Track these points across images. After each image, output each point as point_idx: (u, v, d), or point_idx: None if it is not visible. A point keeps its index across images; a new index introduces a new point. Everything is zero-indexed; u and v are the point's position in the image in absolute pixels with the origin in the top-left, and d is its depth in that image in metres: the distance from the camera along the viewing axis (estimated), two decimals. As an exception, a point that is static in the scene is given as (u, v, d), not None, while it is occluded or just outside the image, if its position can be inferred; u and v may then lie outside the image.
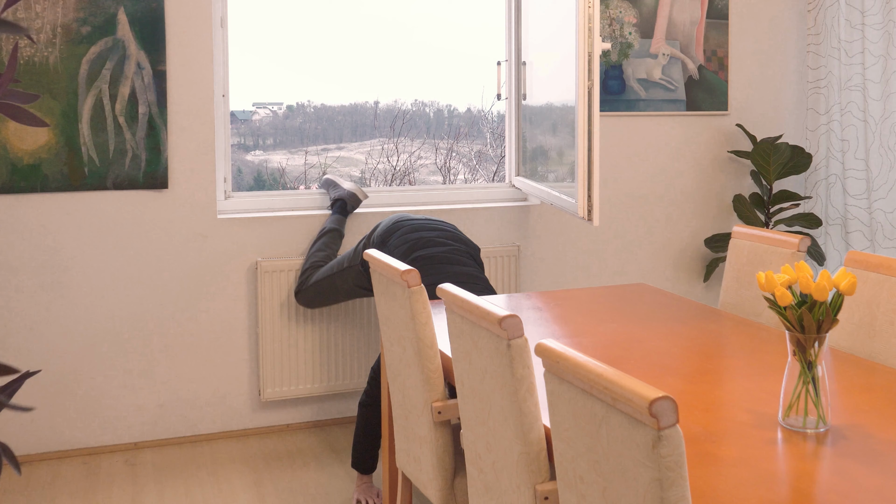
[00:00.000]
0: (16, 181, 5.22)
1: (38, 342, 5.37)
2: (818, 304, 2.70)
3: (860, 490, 2.31)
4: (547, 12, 5.58)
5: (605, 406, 2.11)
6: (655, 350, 3.62)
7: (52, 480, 5.13)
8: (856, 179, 6.37)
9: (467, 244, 4.98)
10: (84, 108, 5.32)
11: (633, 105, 6.52)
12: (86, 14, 5.27)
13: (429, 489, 3.58)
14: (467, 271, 4.78)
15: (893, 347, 3.62)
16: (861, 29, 6.26)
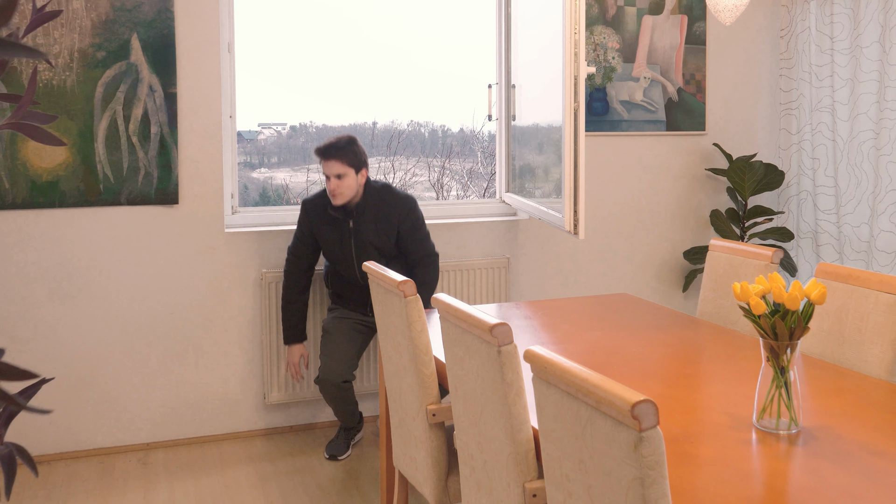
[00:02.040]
0: (35, 197, 5.22)
1: (55, 348, 5.36)
2: (790, 313, 2.71)
3: (830, 488, 2.31)
4: (535, 38, 5.58)
5: (590, 409, 2.11)
6: (637, 356, 3.62)
7: (68, 479, 5.11)
8: (826, 195, 6.38)
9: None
10: (99, 128, 5.31)
11: (617, 125, 6.52)
12: (101, 40, 5.27)
13: (424, 487, 3.58)
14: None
15: (861, 353, 3.62)
16: (830, 54, 6.27)
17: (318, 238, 5.46)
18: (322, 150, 5.33)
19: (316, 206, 5.46)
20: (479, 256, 6.23)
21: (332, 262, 5.49)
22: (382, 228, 5.42)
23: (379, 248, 5.44)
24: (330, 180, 5.27)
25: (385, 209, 5.44)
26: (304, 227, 5.49)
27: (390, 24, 6.24)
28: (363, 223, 5.39)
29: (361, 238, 5.38)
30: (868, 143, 5.98)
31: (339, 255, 5.41)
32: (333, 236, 5.40)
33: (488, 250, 6.26)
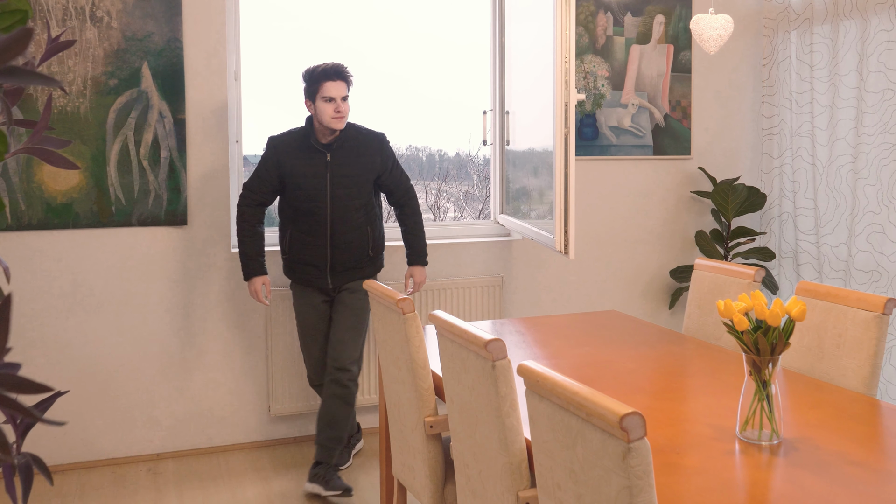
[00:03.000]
0: (50, 218, 5.22)
1: (70, 362, 5.35)
2: (772, 329, 2.71)
3: (809, 496, 2.31)
4: (528, 66, 5.59)
5: (581, 421, 2.11)
6: (625, 370, 3.62)
7: (81, 488, 5.11)
8: (805, 217, 6.38)
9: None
10: (111, 152, 5.32)
11: (606, 150, 6.53)
12: (113, 68, 5.28)
13: (422, 495, 3.57)
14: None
15: (840, 368, 3.63)
16: (810, 82, 6.28)
17: (288, 173, 5.04)
18: (333, 71, 4.98)
19: (286, 142, 5.08)
20: (475, 275, 6.24)
21: (299, 200, 5.05)
22: (363, 162, 5.13)
23: (357, 181, 5.10)
24: (335, 102, 4.92)
25: (363, 143, 5.16)
26: (269, 163, 5.08)
27: (390, 54, 6.26)
28: (341, 156, 5.07)
29: (338, 171, 5.05)
30: (846, 166, 5.99)
31: (311, 191, 5.01)
32: (307, 170, 5.02)
33: (483, 269, 6.27)
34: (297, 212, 5.09)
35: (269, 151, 5.11)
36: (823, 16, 6.17)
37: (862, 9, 5.82)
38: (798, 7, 6.41)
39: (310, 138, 5.03)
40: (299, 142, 5.07)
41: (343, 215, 5.09)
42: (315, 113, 4.98)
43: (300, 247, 5.16)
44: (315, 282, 5.21)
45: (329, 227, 5.08)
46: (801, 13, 6.39)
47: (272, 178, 5.10)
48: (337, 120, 4.93)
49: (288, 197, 5.12)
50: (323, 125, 4.97)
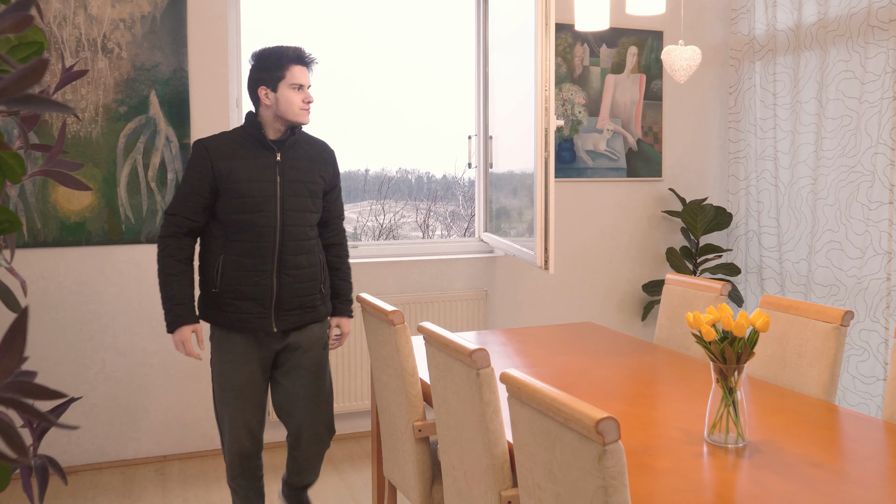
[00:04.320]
0: (64, 236, 5.21)
1: (82, 370, 5.34)
2: (737, 340, 2.71)
3: (773, 495, 2.31)
4: (510, 94, 5.60)
5: (559, 425, 2.11)
6: (601, 378, 3.62)
7: (93, 487, 5.09)
8: (769, 235, 6.39)
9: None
10: (121, 174, 5.31)
11: (583, 172, 6.54)
12: (123, 96, 5.28)
13: (411, 494, 3.56)
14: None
15: (801, 376, 3.63)
16: (773, 109, 6.30)
17: (225, 178, 3.84)
18: (302, 55, 4.01)
19: (222, 141, 3.92)
20: (461, 289, 6.23)
21: (239, 212, 3.83)
22: (316, 170, 4.07)
23: (311, 189, 4.02)
24: (304, 91, 3.95)
25: (316, 149, 4.13)
26: (199, 171, 3.87)
27: (382, 83, 6.27)
28: (294, 158, 3.99)
29: (290, 175, 3.95)
30: (807, 188, 6.01)
31: (256, 197, 3.84)
32: (251, 171, 3.86)
33: (468, 284, 6.26)
34: (236, 228, 3.87)
35: (197, 156, 3.90)
36: (786, 47, 6.20)
37: (821, 41, 5.84)
38: (762, 39, 6.44)
39: (254, 133, 3.94)
40: (240, 139, 3.96)
41: (295, 232, 3.94)
42: (275, 103, 3.91)
43: (236, 275, 3.88)
44: (253, 323, 3.92)
45: (277, 245, 3.91)
46: (764, 45, 6.41)
47: (203, 190, 3.87)
48: (305, 112, 3.97)
49: (223, 210, 3.88)
50: (285, 118, 3.92)
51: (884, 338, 5.41)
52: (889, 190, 5.34)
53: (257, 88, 3.93)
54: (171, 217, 3.89)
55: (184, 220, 3.88)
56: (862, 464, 2.58)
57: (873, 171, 5.45)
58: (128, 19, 5.28)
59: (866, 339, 5.55)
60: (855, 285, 5.63)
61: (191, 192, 3.87)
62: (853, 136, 5.62)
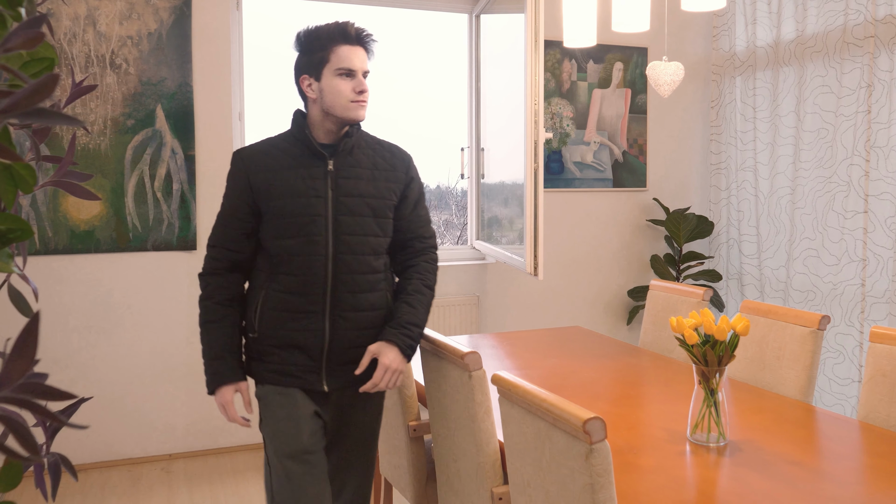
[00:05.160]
0: (74, 244, 5.21)
1: (92, 372, 5.33)
2: (719, 343, 2.72)
3: (752, 492, 2.32)
4: (501, 108, 5.61)
5: (548, 425, 2.11)
6: (588, 380, 3.62)
7: (102, 485, 5.08)
8: (749, 243, 6.40)
9: None
10: (129, 185, 5.31)
11: (570, 183, 6.54)
12: (130, 110, 5.28)
13: (406, 492, 3.56)
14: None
15: (779, 377, 3.64)
16: (753, 122, 6.31)
17: (266, 193, 2.93)
18: (348, 32, 2.95)
19: (262, 150, 3.00)
20: (454, 294, 6.23)
21: (284, 235, 2.92)
22: (383, 179, 3.05)
23: (373, 207, 3.00)
24: (356, 77, 2.92)
25: (383, 154, 3.11)
26: (238, 191, 2.99)
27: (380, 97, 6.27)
28: (351, 166, 3.01)
29: (345, 187, 2.96)
30: (785, 198, 6.01)
31: (303, 216, 2.91)
32: (297, 183, 2.93)
33: (461, 289, 6.26)
34: (280, 258, 2.94)
35: (234, 170, 3.02)
36: (765, 63, 6.21)
37: (799, 57, 5.86)
38: (742, 55, 6.45)
39: (301, 137, 3.00)
40: (286, 144, 3.02)
41: (352, 262, 2.95)
42: (320, 96, 2.94)
43: (279, 316, 2.94)
44: (298, 378, 2.98)
45: (330, 279, 2.93)
46: (745, 61, 6.43)
47: (242, 212, 2.99)
48: (357, 106, 2.94)
49: (266, 235, 2.97)
50: (333, 113, 2.94)
51: (858, 341, 5.42)
52: (864, 200, 5.35)
53: (300, 78, 3.00)
54: (211, 249, 3.03)
55: (224, 252, 3.00)
56: (838, 462, 2.58)
57: (849, 182, 5.45)
58: (135, 36, 5.28)
59: (842, 342, 5.56)
60: (831, 291, 5.64)
61: (229, 215, 2.99)
62: (829, 148, 5.63)
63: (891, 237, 5.21)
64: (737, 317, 2.78)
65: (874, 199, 5.31)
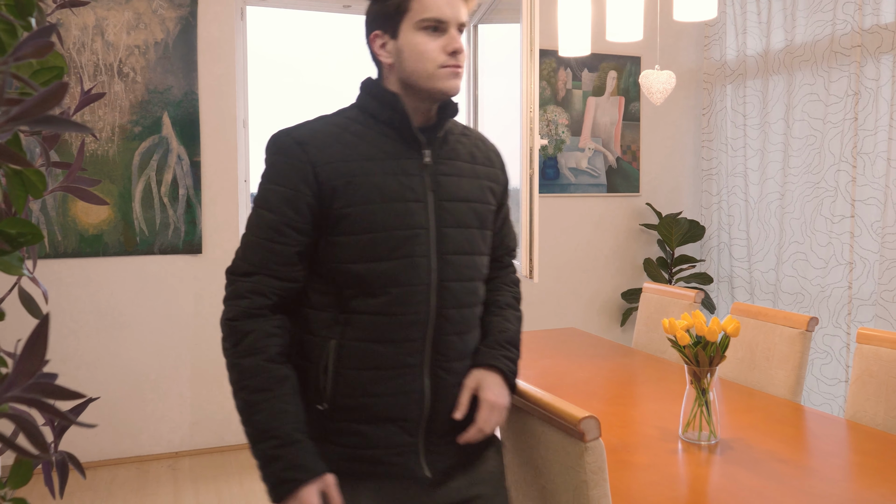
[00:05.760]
0: (83, 248, 5.21)
1: (100, 372, 5.33)
2: (710, 344, 2.71)
3: (743, 489, 2.32)
4: (498, 116, 5.61)
5: (543, 423, 2.11)
6: (582, 379, 3.62)
7: (110, 482, 5.08)
8: (739, 246, 6.40)
9: None
10: (136, 190, 5.31)
11: (566, 188, 6.54)
12: (137, 117, 5.28)
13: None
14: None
15: (769, 377, 3.63)
16: (743, 129, 6.31)
17: (343, 198, 1.98)
18: None
19: (329, 135, 2.04)
20: (453, 297, 6.22)
21: (367, 257, 1.99)
22: (482, 177, 2.22)
23: (479, 212, 2.17)
24: (446, 33, 2.03)
25: (475, 141, 2.29)
26: (295, 189, 1.99)
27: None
28: (450, 158, 2.16)
29: (449, 189, 2.11)
30: (774, 203, 6.02)
31: (399, 230, 2.00)
32: (388, 185, 2.02)
33: (460, 292, 6.25)
34: (359, 290, 2.02)
35: (290, 161, 2.01)
36: (755, 72, 6.21)
37: (788, 66, 5.86)
38: (733, 64, 6.46)
39: (385, 115, 2.09)
40: (356, 127, 2.08)
41: (460, 293, 2.10)
42: (398, 60, 2.07)
43: (363, 376, 2.02)
44: (391, 465, 2.08)
45: (433, 317, 2.06)
46: (735, 69, 6.43)
47: (302, 219, 2.00)
48: (450, 74, 2.04)
49: (336, 257, 2.02)
50: (416, 84, 2.06)
51: (845, 342, 5.42)
52: (850, 205, 5.35)
53: (371, 36, 2.12)
54: (245, 280, 2.00)
55: (270, 283, 1.99)
56: (825, 459, 2.58)
57: (836, 187, 5.46)
58: (142, 46, 5.28)
59: (829, 343, 5.56)
60: (819, 293, 5.64)
61: (277, 227, 1.98)
62: (818, 154, 5.63)
63: (877, 241, 5.22)
64: (727, 318, 2.78)
65: (861, 203, 5.31)
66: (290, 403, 1.95)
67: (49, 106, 0.83)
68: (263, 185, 2.04)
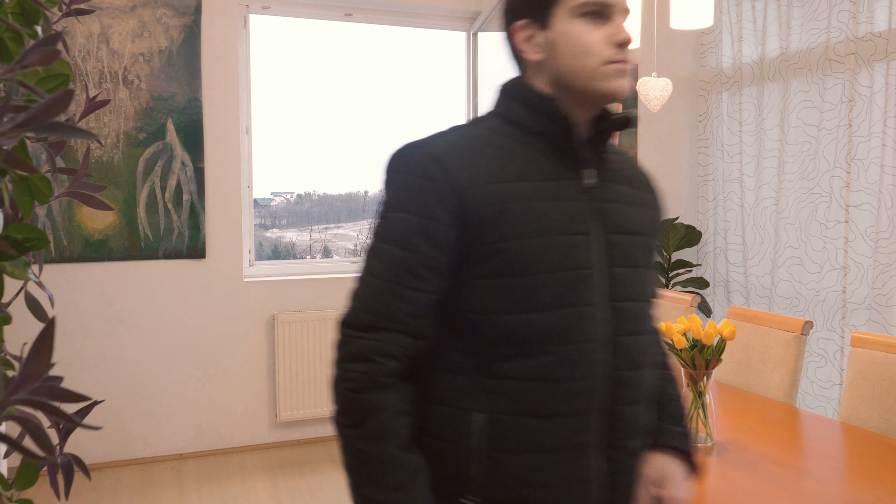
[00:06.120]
0: (88, 252, 5.21)
1: (105, 376, 5.33)
2: (706, 347, 2.72)
3: (738, 490, 2.31)
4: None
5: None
6: (582, 382, 3.61)
7: (115, 483, 5.08)
8: (735, 251, 6.40)
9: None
10: (141, 196, 5.32)
11: (565, 194, 6.53)
12: (142, 124, 5.28)
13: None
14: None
15: (764, 380, 3.63)
16: (739, 135, 6.31)
17: (503, 234, 1.50)
18: None
19: (472, 150, 1.57)
20: (453, 301, 6.22)
21: (526, 307, 1.51)
22: (645, 200, 1.74)
23: (646, 248, 1.70)
24: (608, 22, 1.59)
25: (628, 161, 1.81)
26: (437, 224, 1.51)
27: (380, 111, 6.28)
28: (611, 179, 1.68)
29: (615, 215, 1.63)
30: (770, 208, 6.02)
31: (564, 272, 1.52)
32: (550, 212, 1.54)
33: (460, 296, 6.25)
34: (513, 350, 1.53)
35: (425, 183, 1.53)
36: (751, 79, 6.22)
37: (783, 73, 5.86)
38: (729, 72, 6.46)
39: (539, 124, 1.64)
40: (502, 140, 1.62)
41: (633, 345, 1.63)
42: (550, 55, 1.62)
43: (520, 461, 1.54)
44: None
45: (608, 378, 1.59)
46: (731, 77, 6.43)
47: (441, 257, 1.53)
48: (619, 71, 1.62)
49: (486, 303, 1.54)
50: (575, 85, 1.62)
51: (840, 346, 5.42)
52: (845, 210, 5.35)
53: (512, 27, 1.68)
54: (368, 337, 1.55)
55: (400, 339, 1.55)
56: (820, 461, 2.58)
57: (830, 193, 5.46)
58: (147, 53, 5.28)
59: (824, 347, 5.55)
60: (814, 297, 5.64)
61: (411, 264, 1.54)
62: (812, 160, 5.63)
63: (870, 246, 5.22)
64: (723, 322, 2.78)
65: (855, 209, 5.31)
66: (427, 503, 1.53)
67: (55, 113, 0.83)
68: (388, 213, 1.56)
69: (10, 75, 0.84)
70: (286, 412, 5.71)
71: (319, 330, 5.76)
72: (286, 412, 5.71)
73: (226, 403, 5.63)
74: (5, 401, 0.80)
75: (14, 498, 1.02)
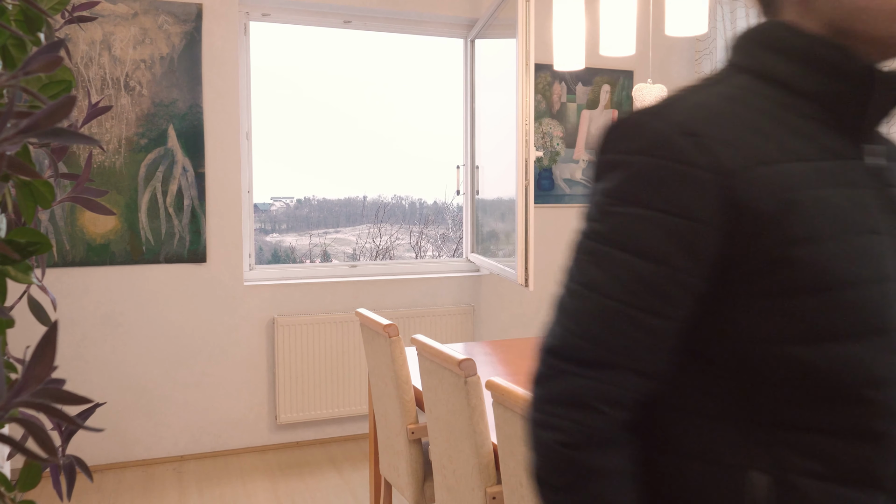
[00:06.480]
0: (90, 256, 5.21)
1: (107, 378, 5.33)
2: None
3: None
4: (494, 128, 5.61)
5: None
6: (578, 385, 3.61)
7: (117, 485, 5.07)
8: (729, 255, 6.41)
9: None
10: (142, 201, 5.31)
11: (560, 199, 6.55)
12: (144, 129, 5.28)
13: (405, 491, 3.56)
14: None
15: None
16: (731, 141, 6.33)
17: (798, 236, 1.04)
18: None
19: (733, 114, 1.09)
20: (450, 305, 6.22)
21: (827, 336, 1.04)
22: None
23: None
24: None
25: None
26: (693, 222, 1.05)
27: (379, 118, 6.28)
28: (892, 159, 1.20)
29: None
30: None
31: (867, 291, 1.05)
32: (844, 206, 1.08)
33: (457, 300, 6.25)
34: (808, 391, 1.07)
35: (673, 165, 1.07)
36: (742, 86, 6.22)
37: (775, 80, 5.87)
38: (721, 79, 6.47)
39: (815, 87, 1.13)
40: (772, 104, 1.13)
41: None
42: None
43: None
44: None
45: None
46: (723, 84, 6.44)
47: (700, 269, 1.08)
48: None
49: (758, 332, 1.07)
50: (867, 31, 1.10)
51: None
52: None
53: None
54: (590, 377, 1.12)
55: (632, 381, 1.12)
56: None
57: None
58: (148, 60, 5.29)
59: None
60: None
61: (660, 281, 1.09)
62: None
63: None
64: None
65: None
66: None
67: (57, 119, 0.83)
68: (617, 208, 1.12)
69: (13, 82, 0.84)
70: (286, 415, 5.71)
71: (319, 333, 5.76)
72: (286, 415, 5.71)
73: (226, 406, 5.63)
74: (8, 403, 0.80)
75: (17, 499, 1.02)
